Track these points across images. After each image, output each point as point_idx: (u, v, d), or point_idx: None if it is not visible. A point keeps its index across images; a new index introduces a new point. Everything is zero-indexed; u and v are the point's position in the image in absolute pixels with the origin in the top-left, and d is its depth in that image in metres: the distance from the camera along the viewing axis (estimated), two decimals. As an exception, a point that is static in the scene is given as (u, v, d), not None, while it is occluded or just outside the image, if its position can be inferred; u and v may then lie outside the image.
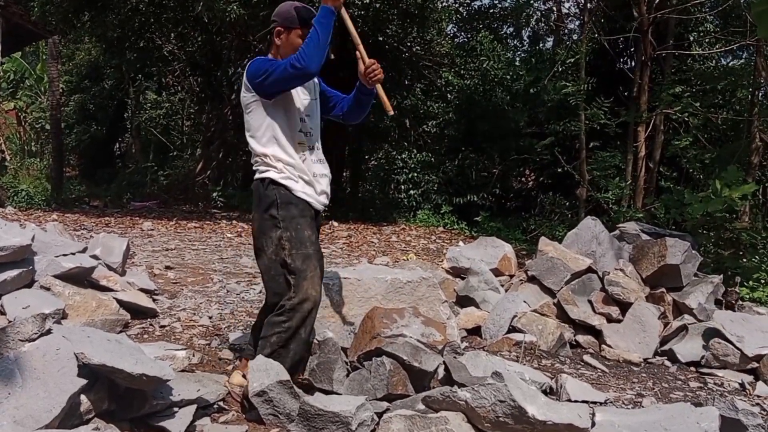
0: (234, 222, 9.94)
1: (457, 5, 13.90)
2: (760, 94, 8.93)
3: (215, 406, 2.83)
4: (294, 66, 2.79)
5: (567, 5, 14.58)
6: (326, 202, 3.07)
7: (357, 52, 3.04)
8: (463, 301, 4.70)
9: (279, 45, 2.99)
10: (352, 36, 3.00)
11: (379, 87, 3.05)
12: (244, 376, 2.97)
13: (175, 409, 2.62)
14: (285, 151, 2.93)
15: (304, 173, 2.96)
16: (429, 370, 2.96)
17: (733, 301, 4.65)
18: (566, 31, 13.94)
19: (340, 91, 3.32)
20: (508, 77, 12.07)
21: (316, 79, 3.15)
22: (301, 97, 3.02)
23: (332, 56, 3.09)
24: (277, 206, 2.90)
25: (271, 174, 2.93)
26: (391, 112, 3.06)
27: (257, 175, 3.00)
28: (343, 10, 2.96)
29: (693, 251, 4.57)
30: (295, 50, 2.90)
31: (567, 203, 10.84)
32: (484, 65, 11.82)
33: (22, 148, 18.26)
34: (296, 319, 2.86)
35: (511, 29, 14.24)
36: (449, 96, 12.63)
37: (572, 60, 10.18)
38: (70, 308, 3.70)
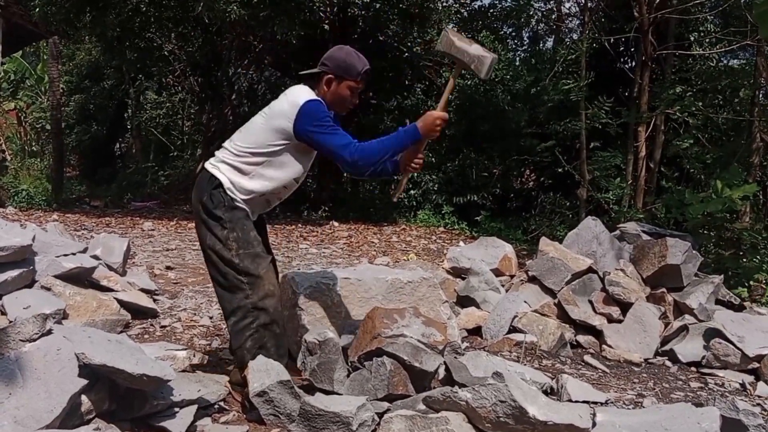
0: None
1: (457, 5, 13.88)
2: (761, 95, 8.92)
3: (216, 406, 2.84)
4: (346, 155, 2.71)
5: (567, 5, 14.58)
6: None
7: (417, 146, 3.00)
8: (464, 301, 4.70)
9: (326, 92, 2.87)
10: (443, 102, 3.07)
11: (407, 176, 3.06)
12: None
13: (176, 409, 2.63)
14: (264, 187, 2.86)
15: (263, 203, 2.94)
16: (429, 371, 2.96)
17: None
18: (566, 30, 13.94)
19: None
20: (509, 77, 12.06)
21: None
22: (312, 154, 2.97)
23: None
24: (224, 208, 2.83)
25: (225, 182, 2.83)
26: (395, 199, 3.10)
27: (214, 170, 2.87)
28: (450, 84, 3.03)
29: (693, 251, 4.57)
30: (341, 100, 2.86)
31: (567, 203, 10.84)
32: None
33: (23, 148, 18.25)
34: (263, 316, 2.83)
35: (512, 29, 14.22)
36: (449, 96, 12.62)
37: (572, 57, 10.17)
38: (71, 308, 3.71)
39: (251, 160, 2.85)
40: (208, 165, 2.93)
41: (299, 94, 2.81)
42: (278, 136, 2.81)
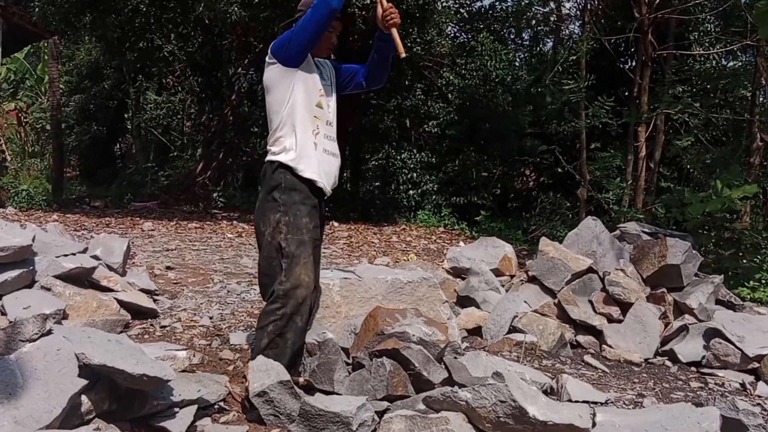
0: (234, 222, 9.94)
1: (457, 6, 13.89)
2: (761, 95, 8.92)
3: (216, 406, 2.84)
4: (316, 8, 2.85)
5: (567, 5, 14.57)
6: (332, 184, 3.09)
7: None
8: (464, 301, 4.70)
9: None
10: None
11: (394, 30, 3.07)
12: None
13: (176, 409, 2.63)
14: (301, 123, 2.97)
15: (313, 148, 2.98)
16: (435, 383, 2.96)
17: None
18: (567, 31, 13.95)
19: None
20: (509, 78, 12.07)
21: (332, 65, 3.23)
22: (318, 80, 3.07)
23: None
24: (281, 190, 2.94)
25: (281, 157, 2.96)
26: (403, 54, 3.06)
27: (268, 157, 3.04)
28: None
29: (693, 251, 4.56)
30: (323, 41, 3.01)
31: (567, 203, 10.85)
32: (486, 65, 11.81)
33: (23, 148, 18.25)
34: (290, 305, 2.87)
35: (512, 31, 14.23)
36: (450, 96, 12.62)
37: (573, 58, 10.17)
38: (71, 308, 3.70)
39: (281, 120, 2.99)
40: (265, 161, 3.08)
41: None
42: (276, 81, 3.00)
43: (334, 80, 3.21)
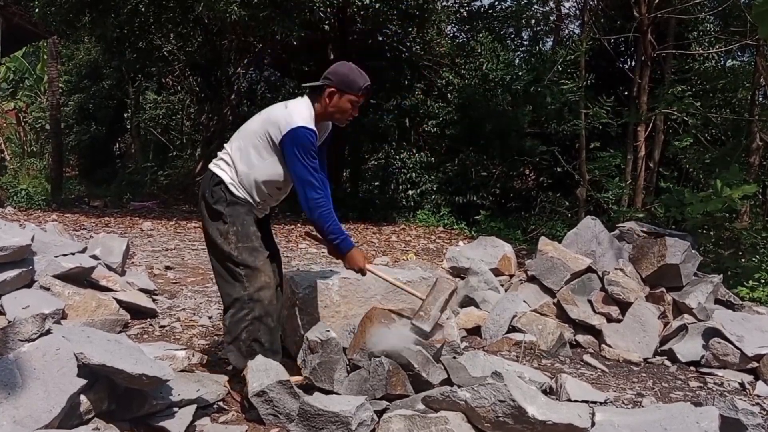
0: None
1: (456, 6, 13.89)
2: (761, 95, 8.92)
3: (215, 406, 2.84)
4: (309, 195, 2.87)
5: (567, 5, 14.57)
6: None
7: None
8: (463, 300, 4.70)
9: (328, 103, 2.97)
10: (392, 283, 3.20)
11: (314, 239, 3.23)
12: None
13: (175, 409, 2.63)
14: (258, 185, 2.99)
15: (253, 204, 3.03)
16: (434, 383, 2.96)
17: None
18: (566, 31, 13.94)
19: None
20: (508, 78, 12.06)
21: (329, 132, 3.20)
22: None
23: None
24: (224, 203, 2.97)
25: (225, 178, 2.98)
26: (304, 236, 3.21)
27: (215, 169, 3.03)
28: (373, 268, 3.15)
29: (693, 251, 4.57)
30: (342, 113, 2.98)
31: (567, 203, 10.84)
32: (485, 67, 11.81)
33: (22, 148, 18.26)
34: (257, 309, 2.91)
35: (511, 30, 14.22)
36: (449, 96, 12.62)
37: (572, 57, 10.17)
38: (70, 308, 3.70)
39: (247, 160, 2.98)
40: (211, 165, 3.10)
41: (297, 112, 2.92)
42: (268, 142, 2.94)
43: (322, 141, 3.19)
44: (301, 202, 2.92)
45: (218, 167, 3.03)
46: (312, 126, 2.90)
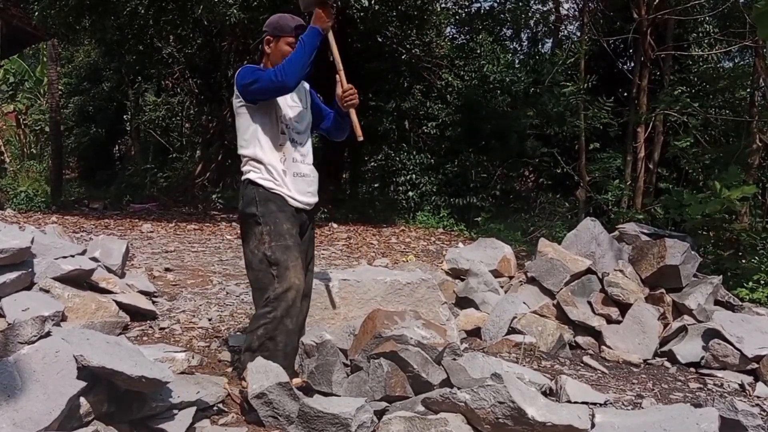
0: (233, 224, 9.94)
1: (456, 7, 13.90)
2: (760, 96, 8.92)
3: (215, 408, 2.83)
4: (273, 79, 2.90)
5: (566, 6, 14.58)
6: (309, 201, 3.13)
7: (337, 75, 3.12)
8: (463, 302, 4.70)
9: (269, 53, 3.09)
10: (335, 59, 3.10)
11: (352, 112, 3.13)
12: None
13: (175, 411, 2.63)
14: (265, 153, 3.02)
15: (282, 174, 3.03)
16: (434, 384, 2.96)
17: None
18: (565, 32, 13.96)
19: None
20: (508, 79, 12.06)
21: (307, 87, 3.27)
22: (289, 103, 3.13)
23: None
24: (257, 203, 2.99)
25: (251, 175, 3.04)
26: (360, 138, 3.12)
27: (243, 176, 3.11)
28: (330, 34, 3.05)
29: (692, 252, 4.57)
30: (284, 57, 3.00)
31: (566, 204, 10.84)
32: (484, 69, 11.82)
33: (22, 150, 18.24)
34: (280, 308, 2.89)
35: (510, 31, 14.24)
36: (449, 97, 12.62)
37: (572, 60, 10.17)
38: (70, 310, 3.70)
39: (245, 136, 3.07)
40: (241, 179, 3.16)
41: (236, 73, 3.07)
42: (241, 110, 3.04)
43: (307, 101, 3.24)
44: (279, 89, 2.93)
45: (243, 174, 3.10)
46: (247, 65, 3.07)
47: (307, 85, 3.28)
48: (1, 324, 3.29)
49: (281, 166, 3.03)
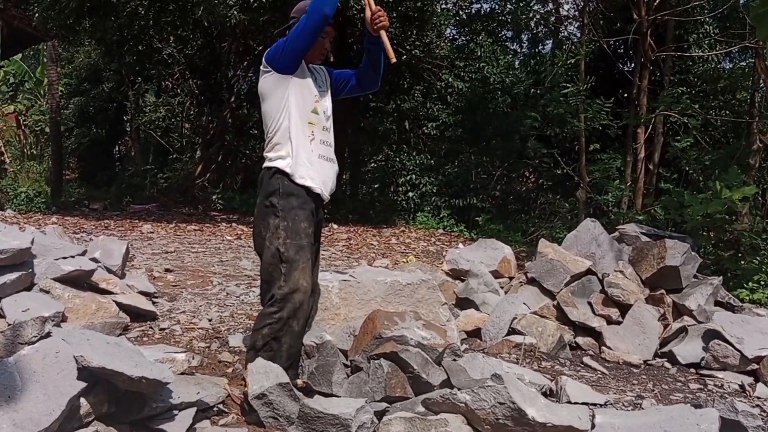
0: (233, 224, 9.94)
1: (456, 8, 13.91)
2: (760, 96, 8.92)
3: (215, 408, 2.83)
4: (309, 13, 2.88)
5: (566, 7, 14.58)
6: (329, 190, 3.11)
7: (364, 0, 3.10)
8: (463, 303, 4.69)
9: None
10: None
11: (383, 34, 3.08)
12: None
13: (175, 411, 2.63)
14: (295, 131, 2.99)
15: (309, 154, 3.00)
16: (434, 385, 2.96)
17: None
18: (566, 33, 13.96)
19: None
20: (508, 80, 12.07)
21: (327, 71, 3.26)
22: (312, 85, 3.11)
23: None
24: (279, 195, 2.96)
25: (278, 163, 3.00)
26: (393, 59, 3.06)
27: (266, 163, 3.08)
28: None
29: (693, 253, 4.57)
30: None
31: (567, 205, 10.84)
32: (485, 71, 11.83)
33: (22, 150, 18.25)
34: (287, 309, 2.89)
35: (510, 33, 14.24)
36: (449, 98, 12.63)
37: (572, 61, 10.18)
38: (70, 311, 3.70)
39: (272, 124, 3.03)
40: (263, 167, 3.12)
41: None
42: (270, 89, 3.02)
43: (329, 85, 3.24)
44: (314, 29, 2.91)
45: (268, 160, 3.04)
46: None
47: (326, 70, 3.27)
48: (2, 325, 3.29)
49: (310, 146, 3.02)
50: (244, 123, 15.65)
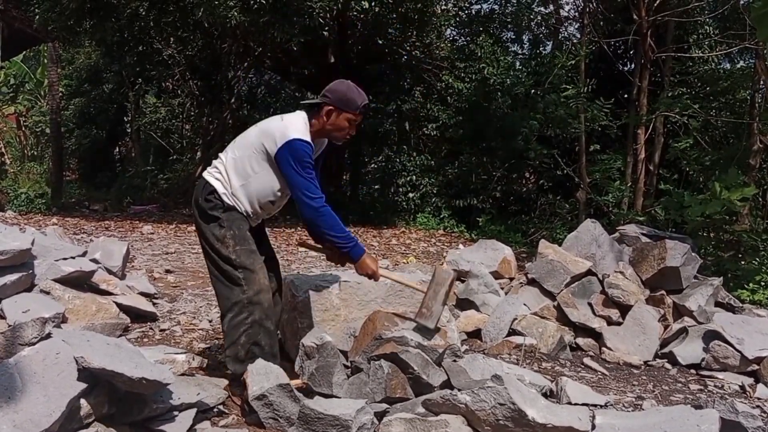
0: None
1: (456, 9, 13.90)
2: (760, 97, 8.92)
3: (215, 409, 2.84)
4: (313, 203, 2.85)
5: (567, 8, 14.59)
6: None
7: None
8: (463, 303, 4.70)
9: (326, 122, 2.98)
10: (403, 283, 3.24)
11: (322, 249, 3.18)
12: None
13: (175, 413, 2.63)
14: (257, 197, 2.99)
15: (251, 214, 3.03)
16: (435, 385, 2.96)
17: None
18: (566, 34, 13.95)
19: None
20: (508, 81, 12.07)
21: (324, 147, 3.21)
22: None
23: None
24: (220, 210, 2.97)
25: (221, 190, 2.97)
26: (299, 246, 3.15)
27: (209, 178, 3.01)
28: (386, 272, 3.13)
29: (693, 253, 4.57)
30: (339, 131, 2.98)
31: (567, 206, 10.84)
32: (485, 72, 11.83)
33: (22, 151, 18.27)
34: (257, 311, 2.91)
35: (511, 34, 14.23)
36: (449, 99, 12.63)
37: (572, 63, 10.17)
38: (70, 312, 3.71)
39: (243, 172, 2.97)
40: (205, 173, 3.07)
41: (293, 125, 2.92)
42: (263, 154, 2.94)
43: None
44: (304, 213, 2.90)
45: (212, 176, 3.02)
46: (308, 138, 2.89)
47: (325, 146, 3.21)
48: (2, 325, 3.30)
49: (257, 213, 3.04)
50: (244, 124, 15.60)
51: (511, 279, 5.17)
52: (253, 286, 2.91)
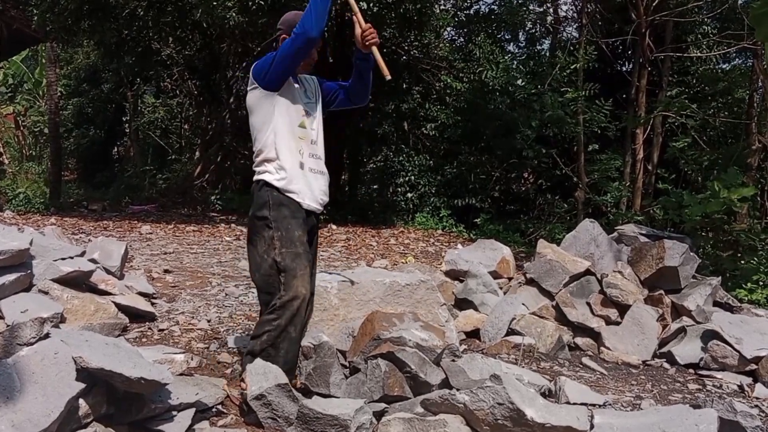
0: (232, 225, 9.94)
1: (455, 10, 13.91)
2: (758, 97, 8.94)
3: (214, 409, 2.84)
4: (295, 36, 2.88)
5: (565, 8, 14.60)
6: (320, 202, 3.12)
7: (354, 17, 3.06)
8: (462, 303, 4.69)
9: None
10: (350, 2, 3.06)
11: (375, 50, 3.06)
12: None
13: (174, 412, 2.63)
14: (282, 146, 3.00)
15: (298, 168, 3.01)
16: (433, 384, 2.96)
17: None
18: (564, 33, 13.97)
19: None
20: (507, 81, 12.07)
21: (317, 81, 3.26)
22: (302, 98, 3.11)
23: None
24: (269, 207, 2.98)
25: (266, 176, 3.01)
26: (388, 77, 2.98)
27: (255, 176, 3.09)
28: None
29: (691, 253, 4.57)
30: None
31: (565, 206, 10.85)
32: (484, 76, 11.83)
33: (21, 151, 18.26)
34: (285, 316, 2.89)
35: (508, 35, 14.24)
36: (448, 99, 12.64)
37: (572, 67, 10.18)
38: (69, 312, 3.70)
39: (259, 135, 3.04)
40: (253, 180, 3.13)
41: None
42: (258, 103, 3.03)
43: (319, 97, 3.23)
44: (304, 45, 2.90)
45: (257, 173, 3.07)
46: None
47: (316, 80, 3.27)
48: (0, 326, 3.29)
49: (299, 159, 3.02)
50: (242, 123, 15.64)
51: (510, 279, 5.17)
52: (290, 291, 2.89)
